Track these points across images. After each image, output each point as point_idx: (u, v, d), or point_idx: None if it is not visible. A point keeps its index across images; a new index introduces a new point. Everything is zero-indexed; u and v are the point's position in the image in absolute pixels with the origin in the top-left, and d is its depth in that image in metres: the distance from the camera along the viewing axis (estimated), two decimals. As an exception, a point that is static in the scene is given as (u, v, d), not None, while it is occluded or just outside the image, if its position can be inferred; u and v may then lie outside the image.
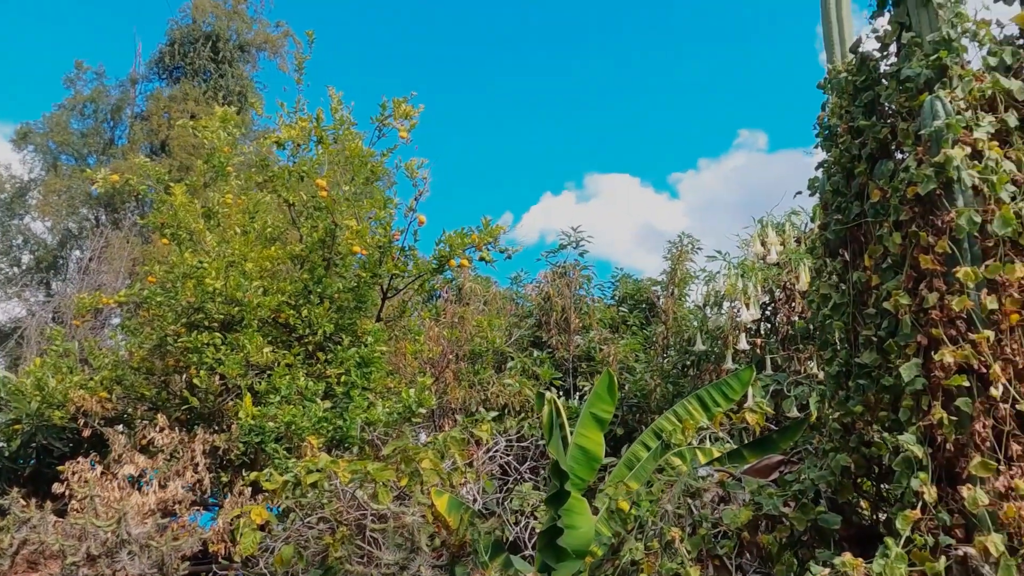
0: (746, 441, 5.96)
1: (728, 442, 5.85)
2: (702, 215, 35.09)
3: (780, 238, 7.64)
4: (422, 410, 6.34)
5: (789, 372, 7.07)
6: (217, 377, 7.03)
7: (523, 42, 38.07)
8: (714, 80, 38.09)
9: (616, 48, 38.93)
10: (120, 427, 7.36)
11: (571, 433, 5.04)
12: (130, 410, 7.54)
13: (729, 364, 7.29)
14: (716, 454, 4.79)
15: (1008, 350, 2.76)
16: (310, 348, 7.57)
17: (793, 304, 7.40)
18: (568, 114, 38.15)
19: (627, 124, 38.25)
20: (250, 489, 6.06)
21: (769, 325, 8.02)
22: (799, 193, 4.21)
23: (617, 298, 10.89)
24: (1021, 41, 3.42)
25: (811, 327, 3.90)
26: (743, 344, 7.20)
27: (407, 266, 7.79)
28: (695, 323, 8.69)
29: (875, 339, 3.22)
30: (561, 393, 8.97)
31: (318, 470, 4.66)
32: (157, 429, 6.71)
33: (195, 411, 7.31)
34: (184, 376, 7.39)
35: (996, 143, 3.00)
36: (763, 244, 7.52)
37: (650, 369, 8.82)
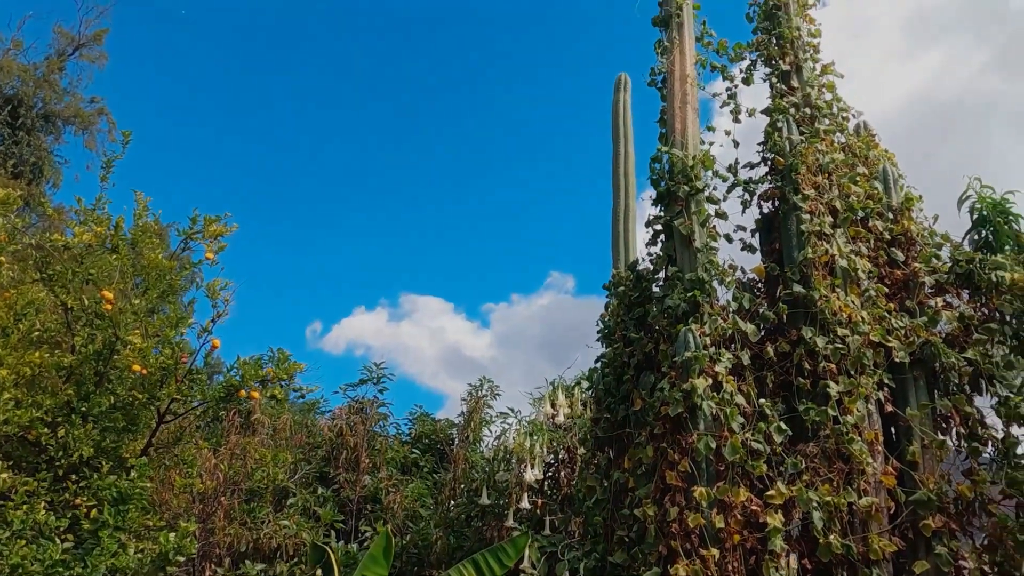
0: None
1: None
2: (509, 347, 36.52)
3: (569, 401, 8.13)
4: (180, 558, 5.79)
5: (566, 534, 7.35)
6: (-66, 504, 6.02)
7: (346, 160, 38.90)
8: (533, 221, 40.87)
9: (440, 174, 40.85)
10: None
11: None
12: None
13: (510, 522, 7.43)
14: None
15: (730, 568, 3.12)
16: (60, 472, 6.74)
17: (575, 467, 7.79)
18: (389, 234, 38.93)
19: (448, 252, 39.68)
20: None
21: (553, 480, 8.35)
22: (578, 383, 4.60)
23: (413, 436, 10.85)
24: (759, 287, 4.11)
25: (577, 515, 4.16)
26: (525, 503, 7.42)
27: (191, 390, 7.31)
28: (486, 470, 8.83)
29: (627, 540, 3.50)
30: (342, 537, 8.61)
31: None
32: None
33: None
34: None
35: (732, 377, 3.52)
36: (553, 405, 7.96)
37: (436, 515, 8.75)
